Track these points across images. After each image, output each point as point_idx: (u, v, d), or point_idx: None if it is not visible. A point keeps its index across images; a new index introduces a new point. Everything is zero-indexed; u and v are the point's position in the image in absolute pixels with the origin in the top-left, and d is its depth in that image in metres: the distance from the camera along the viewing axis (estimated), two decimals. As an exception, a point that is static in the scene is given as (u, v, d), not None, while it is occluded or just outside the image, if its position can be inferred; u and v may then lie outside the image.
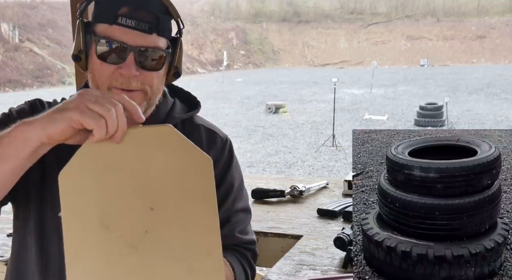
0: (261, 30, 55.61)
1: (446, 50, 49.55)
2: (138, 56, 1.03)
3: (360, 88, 23.47)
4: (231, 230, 1.20)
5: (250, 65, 49.89)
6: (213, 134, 1.24)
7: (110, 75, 1.04)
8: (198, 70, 42.73)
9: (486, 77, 27.82)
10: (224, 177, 1.21)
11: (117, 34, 1.02)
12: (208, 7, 56.01)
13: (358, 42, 53.64)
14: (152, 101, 1.11)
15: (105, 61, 1.04)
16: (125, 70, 1.03)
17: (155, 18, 1.04)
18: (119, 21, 1.02)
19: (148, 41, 1.04)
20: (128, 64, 1.03)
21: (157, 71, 1.08)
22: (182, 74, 1.18)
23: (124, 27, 1.02)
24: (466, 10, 54.08)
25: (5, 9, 37.73)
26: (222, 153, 1.23)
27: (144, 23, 1.03)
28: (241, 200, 1.25)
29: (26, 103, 1.16)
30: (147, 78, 1.06)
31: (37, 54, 35.65)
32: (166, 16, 1.08)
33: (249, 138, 12.38)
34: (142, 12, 1.03)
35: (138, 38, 1.03)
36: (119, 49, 1.03)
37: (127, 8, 1.03)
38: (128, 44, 1.02)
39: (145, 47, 1.04)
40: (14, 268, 1.17)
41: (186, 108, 1.25)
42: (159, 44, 1.06)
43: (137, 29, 1.02)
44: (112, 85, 1.04)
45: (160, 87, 1.12)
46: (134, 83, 1.04)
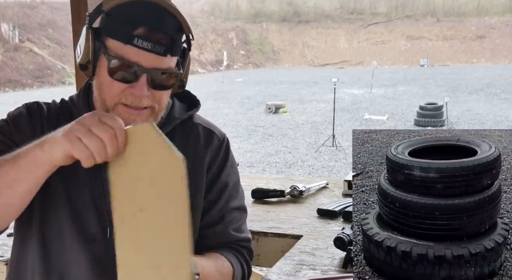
0: (261, 30, 55.60)
1: (446, 50, 49.54)
2: (151, 78, 1.03)
3: (360, 88, 23.46)
4: (225, 227, 1.21)
5: (250, 65, 49.89)
6: (211, 133, 1.24)
7: (120, 92, 1.04)
8: (198, 70, 42.71)
9: (486, 77, 27.81)
10: (219, 176, 1.22)
11: (132, 55, 1.02)
12: (208, 7, 56.00)
13: (358, 42, 53.64)
14: (158, 116, 1.11)
15: (117, 79, 1.03)
16: (137, 91, 1.03)
17: (170, 40, 1.04)
18: (135, 42, 1.01)
19: (162, 63, 1.04)
20: (141, 85, 1.03)
21: (167, 90, 1.09)
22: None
23: (140, 49, 1.01)
24: (466, 10, 54.07)
25: (5, 9, 37.72)
26: (219, 152, 1.23)
27: (160, 46, 1.02)
28: (236, 199, 1.25)
29: (24, 106, 1.16)
30: (157, 97, 1.06)
31: (37, 54, 35.64)
32: (180, 35, 1.08)
33: (249, 138, 12.38)
34: (159, 34, 1.02)
35: (152, 60, 1.02)
36: (133, 70, 1.02)
37: (144, 29, 1.02)
38: (143, 66, 1.02)
39: (159, 69, 1.03)
40: (14, 269, 1.17)
41: (185, 107, 1.25)
42: (172, 65, 1.07)
43: (152, 51, 1.02)
44: (121, 102, 1.04)
45: (167, 101, 1.13)
46: (145, 102, 1.05)
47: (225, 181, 1.23)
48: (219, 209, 1.21)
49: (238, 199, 1.26)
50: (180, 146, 1.18)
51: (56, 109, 1.17)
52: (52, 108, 1.17)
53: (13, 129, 1.11)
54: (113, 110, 1.06)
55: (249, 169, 9.00)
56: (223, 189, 1.22)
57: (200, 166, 1.19)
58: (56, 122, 1.13)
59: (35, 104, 1.16)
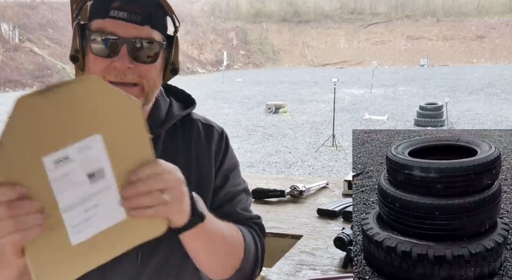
0: (261, 30, 55.60)
1: (446, 50, 49.54)
2: (131, 48, 1.03)
3: (360, 88, 23.46)
4: (233, 208, 1.21)
5: (250, 65, 49.89)
6: (210, 128, 1.26)
7: (104, 69, 1.04)
8: (198, 70, 42.71)
9: (486, 77, 27.81)
10: (222, 165, 1.23)
11: (109, 26, 1.03)
12: (208, 7, 56.00)
13: (358, 42, 53.63)
14: (149, 97, 1.10)
15: (99, 55, 1.04)
16: (119, 63, 1.03)
17: (147, 11, 1.04)
18: (111, 13, 1.02)
19: (141, 32, 1.04)
20: (121, 56, 1.03)
21: (153, 64, 1.07)
22: (181, 73, 1.18)
23: (116, 20, 1.02)
24: (466, 10, 54.07)
25: (5, 9, 37.72)
26: (220, 144, 1.25)
27: (135, 15, 1.03)
28: (241, 184, 1.27)
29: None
30: (142, 71, 1.05)
31: (37, 54, 35.64)
32: (159, 11, 1.08)
33: (249, 138, 12.38)
34: (134, 5, 1.03)
35: (130, 30, 1.03)
36: (112, 42, 1.03)
37: (119, 2, 1.03)
38: (120, 35, 1.02)
39: (137, 38, 1.03)
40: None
41: (182, 106, 1.26)
42: (152, 36, 1.06)
43: (129, 20, 1.02)
44: (107, 78, 1.03)
45: (157, 82, 1.11)
46: (129, 76, 1.04)
47: (229, 167, 1.25)
48: (225, 192, 1.22)
49: (243, 183, 1.28)
50: (183, 141, 1.20)
51: None
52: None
53: None
54: None
55: (249, 169, 9.00)
56: (228, 175, 1.24)
57: (206, 159, 1.21)
58: None
59: None
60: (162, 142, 1.17)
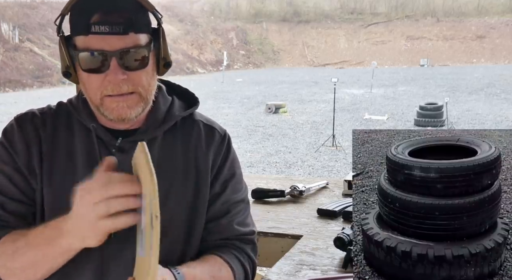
0: (261, 30, 55.57)
1: (446, 50, 49.52)
2: (120, 60, 1.02)
3: (360, 88, 23.45)
4: (230, 221, 1.21)
5: (250, 65, 49.87)
6: (212, 129, 1.24)
7: (100, 85, 1.04)
8: (198, 70, 42.65)
9: (486, 77, 27.79)
10: (222, 170, 1.22)
11: (94, 43, 1.02)
12: (208, 7, 55.95)
13: (358, 42, 53.61)
14: (148, 100, 1.10)
15: (91, 72, 1.04)
16: (112, 77, 1.03)
17: (127, 17, 1.03)
18: (93, 29, 1.01)
19: (127, 42, 1.03)
20: (113, 70, 1.02)
21: (144, 69, 1.07)
22: (181, 73, 1.19)
23: (100, 35, 1.01)
24: (466, 10, 54.04)
25: (5, 9, 37.70)
26: (221, 147, 1.24)
27: (117, 26, 1.01)
28: (240, 192, 1.26)
29: (15, 120, 1.15)
30: (136, 79, 1.05)
31: (37, 54, 35.61)
32: (140, 11, 1.06)
33: (249, 138, 12.37)
34: (114, 15, 1.02)
35: (115, 42, 1.02)
36: (101, 58, 1.02)
37: (98, 15, 1.02)
38: (107, 50, 1.01)
39: (124, 49, 1.02)
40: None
41: (184, 105, 1.25)
42: (139, 42, 1.05)
43: (112, 33, 1.01)
44: (104, 94, 1.04)
45: (152, 83, 1.11)
46: (124, 86, 1.04)
47: (228, 174, 1.23)
48: (223, 201, 1.21)
49: (242, 191, 1.27)
50: (182, 143, 1.19)
51: (52, 114, 1.16)
52: (47, 114, 1.16)
53: (11, 151, 1.11)
54: (102, 106, 1.06)
55: (249, 169, 9.00)
56: (227, 182, 1.22)
57: (204, 162, 1.19)
58: (53, 128, 1.14)
59: (26, 115, 1.15)
60: (160, 144, 1.16)
